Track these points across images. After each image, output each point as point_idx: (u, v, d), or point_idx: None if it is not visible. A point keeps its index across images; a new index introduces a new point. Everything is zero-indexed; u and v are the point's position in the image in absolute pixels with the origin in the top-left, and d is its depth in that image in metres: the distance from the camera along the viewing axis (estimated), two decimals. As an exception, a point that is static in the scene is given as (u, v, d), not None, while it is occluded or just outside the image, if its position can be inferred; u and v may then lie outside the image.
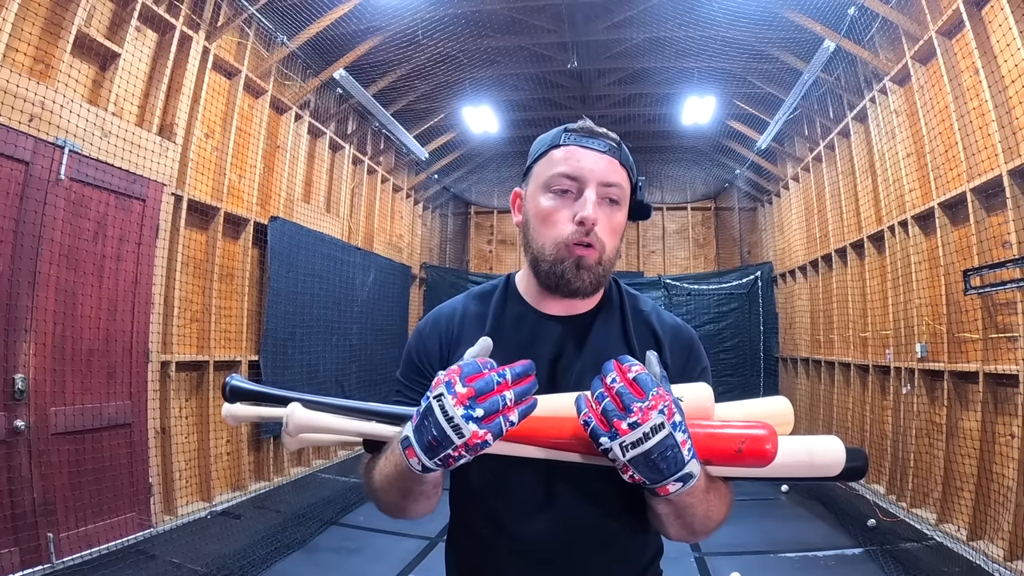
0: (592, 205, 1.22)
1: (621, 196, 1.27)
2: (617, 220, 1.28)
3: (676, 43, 7.35)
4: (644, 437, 0.92)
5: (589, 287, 1.26)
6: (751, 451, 0.99)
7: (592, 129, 1.30)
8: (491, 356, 1.07)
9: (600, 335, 1.35)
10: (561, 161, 1.27)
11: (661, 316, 1.42)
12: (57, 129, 4.22)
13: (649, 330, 1.37)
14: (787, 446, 1.07)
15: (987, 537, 4.77)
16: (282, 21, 6.51)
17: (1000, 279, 4.69)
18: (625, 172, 1.29)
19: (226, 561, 4.49)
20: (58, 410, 4.28)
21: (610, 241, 1.26)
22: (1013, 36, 4.40)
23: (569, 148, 1.28)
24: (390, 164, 10.34)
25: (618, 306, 1.40)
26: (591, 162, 1.25)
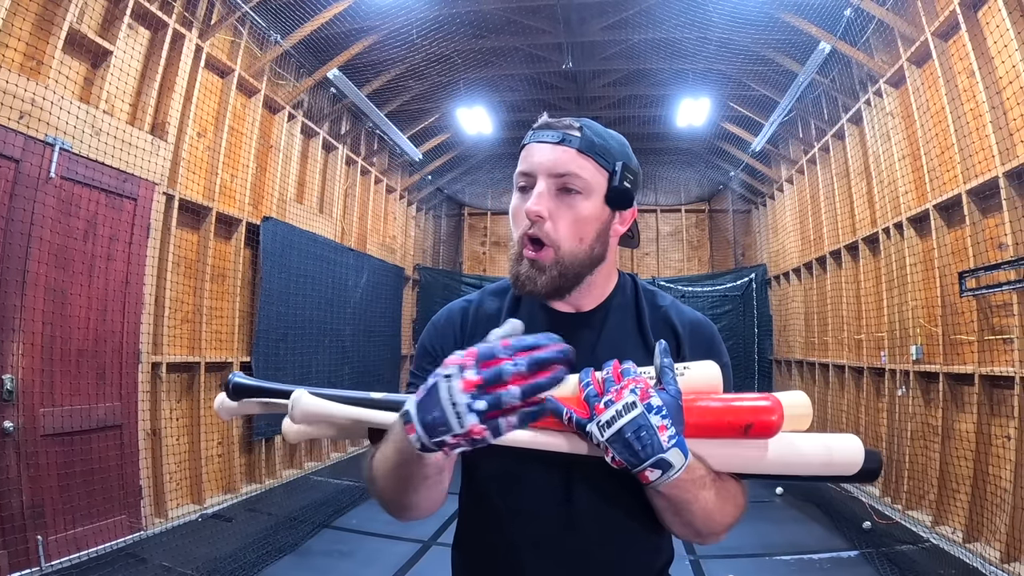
0: (538, 197, 1.21)
1: (582, 185, 1.22)
2: (579, 211, 1.22)
3: (671, 45, 7.34)
4: (617, 414, 0.95)
5: (542, 288, 1.23)
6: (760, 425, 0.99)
7: (547, 123, 1.28)
8: None
9: (616, 331, 1.32)
10: (521, 160, 1.28)
11: (681, 311, 1.37)
12: (48, 127, 4.18)
13: (668, 326, 1.33)
14: (806, 442, 1.06)
15: (983, 539, 4.76)
16: (276, 20, 6.47)
17: (996, 281, 4.69)
18: (589, 160, 1.23)
19: (217, 564, 4.45)
20: (47, 411, 4.24)
21: (567, 234, 1.22)
22: (1010, 38, 4.40)
23: (529, 146, 1.28)
24: (384, 165, 10.31)
25: (632, 302, 1.37)
26: (541, 155, 1.24)
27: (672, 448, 0.94)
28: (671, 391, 0.99)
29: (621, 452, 0.96)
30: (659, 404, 0.95)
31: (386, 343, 10.02)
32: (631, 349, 1.26)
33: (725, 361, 1.24)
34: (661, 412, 0.95)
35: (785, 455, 1.05)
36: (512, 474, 1.24)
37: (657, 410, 0.95)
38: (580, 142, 1.23)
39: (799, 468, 1.07)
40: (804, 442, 1.06)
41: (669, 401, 0.97)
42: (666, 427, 0.94)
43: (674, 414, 0.96)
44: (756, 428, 0.99)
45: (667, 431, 0.94)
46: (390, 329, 10.24)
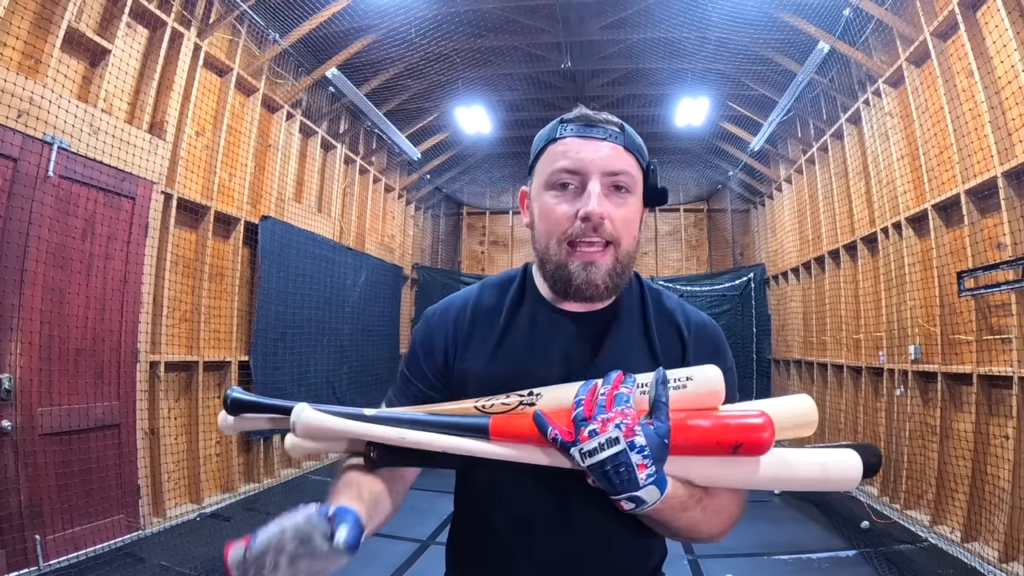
0: (597, 198, 1.16)
1: (631, 183, 1.20)
2: (630, 209, 1.21)
3: (670, 44, 7.34)
4: (600, 447, 0.95)
5: (604, 291, 1.21)
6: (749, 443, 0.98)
7: (589, 117, 1.22)
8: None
9: (620, 334, 1.29)
10: (561, 155, 1.20)
11: (687, 313, 1.36)
12: (46, 126, 4.17)
13: (674, 328, 1.32)
14: (801, 459, 1.06)
15: (981, 539, 4.76)
16: (274, 19, 6.46)
17: (994, 281, 4.69)
18: (633, 158, 1.22)
19: (216, 564, 4.44)
20: (45, 411, 4.23)
21: (625, 234, 1.20)
22: (1009, 38, 4.40)
23: (567, 140, 1.21)
24: (382, 164, 10.31)
25: (639, 303, 1.35)
26: (591, 152, 1.18)
27: (648, 486, 0.95)
28: (659, 430, 0.97)
29: (599, 480, 0.98)
30: (642, 444, 0.95)
31: (384, 342, 10.01)
32: (636, 354, 1.27)
33: (729, 365, 1.25)
34: (643, 452, 0.95)
35: (778, 472, 1.05)
36: (506, 480, 1.21)
37: (640, 449, 0.94)
38: (624, 139, 1.21)
39: (793, 485, 1.08)
40: (799, 458, 1.06)
41: (653, 440, 0.96)
42: (645, 466, 0.95)
43: (656, 452, 0.96)
44: (746, 447, 0.98)
45: (646, 470, 0.95)
46: (388, 328, 10.23)
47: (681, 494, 1.01)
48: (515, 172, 12.15)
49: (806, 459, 1.06)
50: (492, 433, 1.07)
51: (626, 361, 1.17)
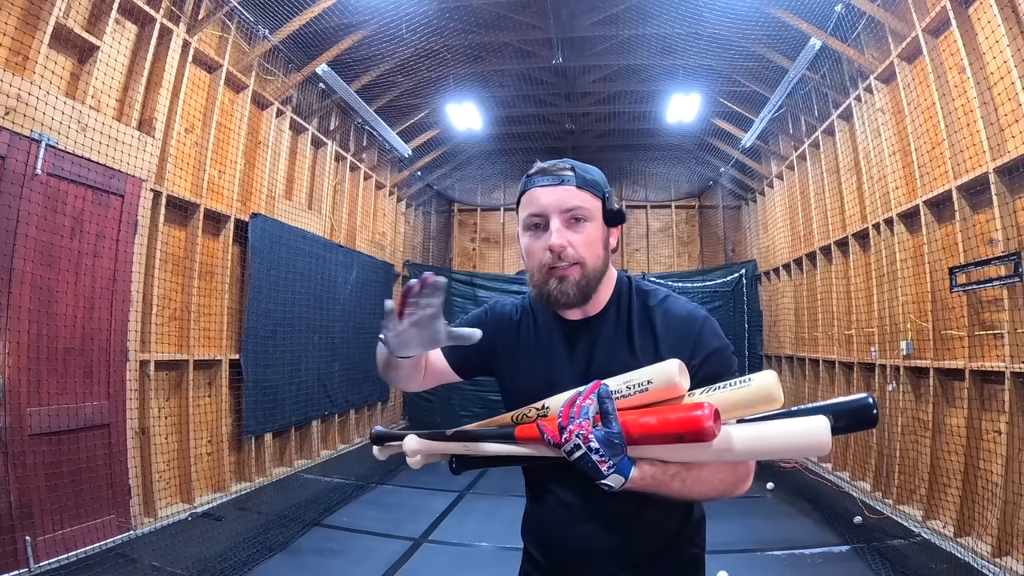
0: (557, 232, 1.47)
1: (586, 213, 1.49)
2: (588, 234, 1.50)
3: (661, 40, 7.35)
4: (571, 451, 1.23)
5: (574, 298, 1.50)
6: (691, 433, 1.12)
7: (544, 169, 1.55)
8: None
9: (607, 335, 1.57)
10: (528, 204, 1.54)
11: (667, 309, 1.56)
12: (34, 123, 4.13)
13: (650, 326, 1.54)
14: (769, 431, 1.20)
15: (974, 534, 4.78)
16: (264, 15, 6.43)
17: (986, 276, 4.70)
18: (586, 192, 1.51)
19: (207, 563, 4.43)
20: (35, 410, 4.20)
21: (587, 253, 1.49)
22: (1000, 34, 4.41)
23: (530, 192, 1.54)
24: (373, 161, 10.27)
25: (627, 304, 1.60)
26: (548, 197, 1.50)
27: (611, 474, 1.21)
28: (608, 434, 1.20)
29: (581, 470, 1.24)
30: (596, 447, 1.20)
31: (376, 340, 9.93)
32: (619, 351, 1.54)
33: (710, 351, 1.47)
34: (599, 452, 1.20)
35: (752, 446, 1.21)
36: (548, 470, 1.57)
37: (595, 451, 1.20)
38: (576, 180, 1.51)
39: (769, 454, 1.24)
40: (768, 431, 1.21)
41: (604, 443, 1.20)
42: (604, 461, 1.20)
43: (609, 451, 1.20)
44: (688, 437, 1.13)
45: (605, 464, 1.20)
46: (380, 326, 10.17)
47: (651, 473, 1.26)
48: (506, 169, 12.14)
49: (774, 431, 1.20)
50: (517, 437, 1.42)
51: (611, 362, 1.49)
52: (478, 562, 4.87)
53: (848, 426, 1.20)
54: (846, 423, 1.19)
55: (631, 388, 1.30)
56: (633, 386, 1.30)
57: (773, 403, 1.21)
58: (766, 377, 1.22)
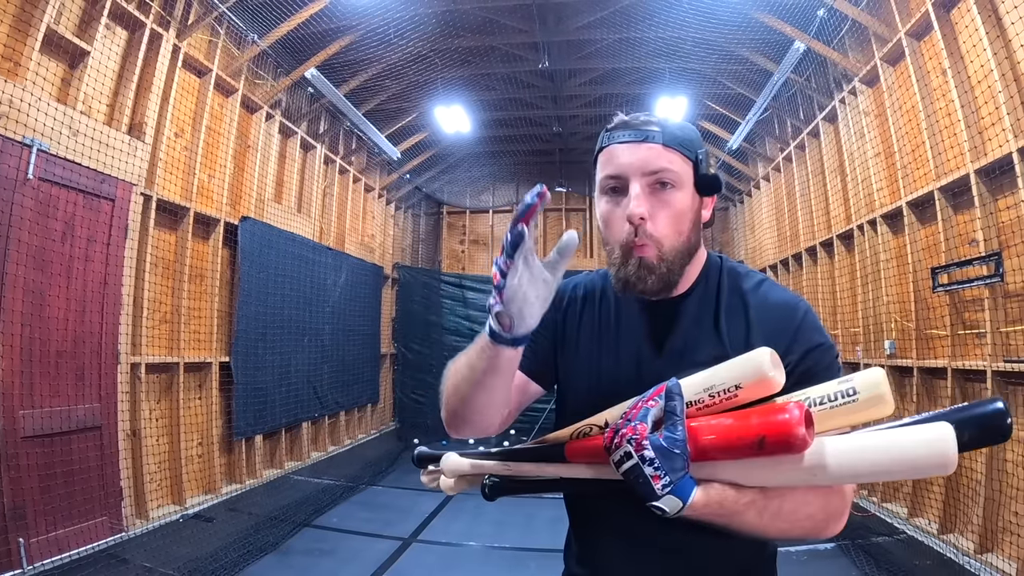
0: (637, 199, 1.22)
1: (674, 178, 1.24)
2: (676, 203, 1.24)
3: (647, 44, 7.40)
4: (618, 462, 0.97)
5: (653, 287, 1.24)
6: (775, 441, 0.89)
7: (627, 122, 1.29)
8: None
9: (690, 320, 1.32)
10: (605, 163, 1.28)
11: (763, 295, 1.32)
12: (25, 128, 4.15)
13: (742, 310, 1.30)
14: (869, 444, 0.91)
15: (957, 531, 4.85)
16: (253, 19, 6.46)
17: (967, 276, 4.78)
18: (675, 153, 1.25)
19: (199, 564, 4.45)
20: (27, 413, 4.22)
21: (668, 230, 1.24)
22: (980, 37, 4.48)
23: (609, 148, 1.29)
24: (362, 164, 10.31)
25: (715, 288, 1.35)
26: (629, 155, 1.24)
27: (666, 496, 0.95)
28: (668, 440, 0.96)
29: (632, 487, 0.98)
30: (651, 456, 0.95)
31: (365, 342, 10.03)
32: (704, 338, 1.29)
33: (810, 347, 1.22)
34: (654, 464, 0.95)
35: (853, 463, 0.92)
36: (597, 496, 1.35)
37: (649, 462, 0.95)
38: (663, 136, 1.25)
39: (876, 474, 0.95)
40: (873, 442, 0.91)
41: (662, 450, 0.95)
42: (659, 477, 0.94)
43: (667, 464, 0.95)
44: (770, 440, 0.90)
45: (660, 481, 0.95)
46: (369, 328, 10.24)
47: (720, 498, 0.99)
48: (495, 171, 12.19)
49: (875, 443, 0.91)
50: (567, 455, 1.17)
51: (695, 350, 1.26)
52: (466, 561, 4.92)
53: (974, 439, 0.89)
54: (971, 435, 0.88)
55: (715, 395, 1.03)
56: (718, 393, 1.03)
57: (882, 410, 0.96)
58: (871, 376, 0.96)
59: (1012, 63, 4.30)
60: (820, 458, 0.92)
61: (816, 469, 0.92)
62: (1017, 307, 4.40)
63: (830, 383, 0.99)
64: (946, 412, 0.91)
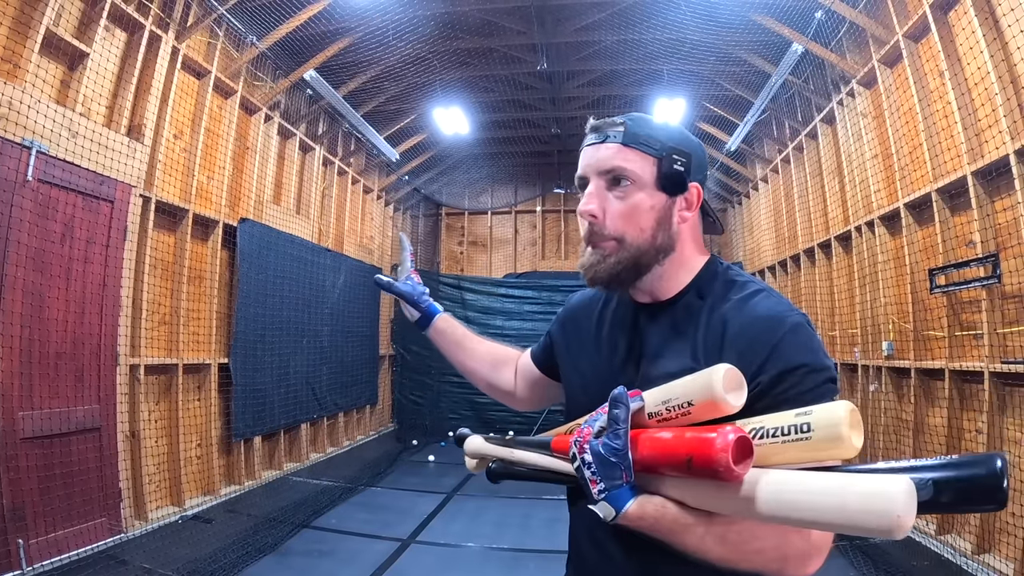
0: (588, 197, 1.25)
1: (633, 175, 1.23)
2: (631, 201, 1.23)
3: (645, 46, 7.40)
4: (571, 459, 1.01)
5: (602, 277, 1.25)
6: (700, 463, 0.86)
7: (593, 125, 1.31)
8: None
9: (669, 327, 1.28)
10: (579, 166, 1.32)
11: (752, 309, 1.18)
12: (24, 130, 4.16)
13: (720, 326, 1.18)
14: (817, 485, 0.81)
15: (955, 531, 4.86)
16: (252, 21, 6.46)
17: (964, 278, 4.79)
18: (634, 151, 1.24)
19: (198, 565, 4.46)
20: (26, 414, 4.22)
21: (624, 226, 1.23)
22: (977, 39, 4.50)
23: (582, 151, 1.32)
24: (361, 165, 10.31)
25: (705, 295, 1.28)
26: (589, 157, 1.28)
27: (601, 501, 0.97)
28: (605, 447, 0.96)
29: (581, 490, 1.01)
30: (589, 460, 0.97)
31: (364, 343, 10.03)
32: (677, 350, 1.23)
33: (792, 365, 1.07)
34: (591, 468, 0.97)
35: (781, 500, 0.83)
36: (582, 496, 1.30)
37: (588, 465, 0.97)
38: (623, 136, 1.25)
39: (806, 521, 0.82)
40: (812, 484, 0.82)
41: (598, 456, 0.97)
42: (596, 482, 0.96)
43: (602, 470, 0.96)
44: (697, 462, 0.86)
45: (596, 485, 0.97)
46: (368, 330, 10.25)
47: (657, 514, 0.97)
48: (493, 172, 12.19)
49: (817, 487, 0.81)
50: (553, 448, 1.19)
51: (662, 360, 1.23)
52: (465, 562, 4.92)
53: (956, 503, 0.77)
54: (953, 497, 0.77)
55: (671, 409, 0.99)
56: (674, 407, 0.98)
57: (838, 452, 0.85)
58: (831, 413, 0.85)
59: (1009, 65, 4.31)
60: (752, 490, 0.86)
61: (748, 502, 0.86)
62: (1014, 308, 4.41)
63: (787, 413, 0.91)
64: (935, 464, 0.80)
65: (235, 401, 6.54)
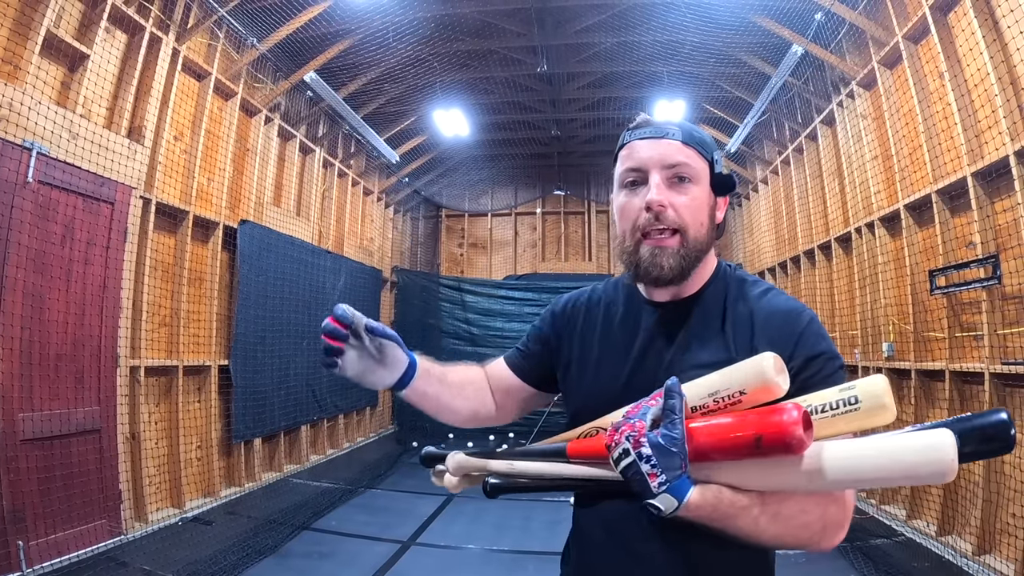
0: (657, 188, 1.26)
1: (692, 173, 1.29)
2: (694, 196, 1.29)
3: (645, 47, 7.42)
4: (616, 459, 0.99)
5: (670, 272, 1.27)
6: (772, 440, 0.91)
7: (648, 120, 1.34)
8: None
9: (698, 321, 1.33)
10: (626, 158, 1.33)
11: (771, 303, 1.30)
12: (25, 131, 4.16)
13: (747, 315, 1.29)
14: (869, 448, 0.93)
15: (955, 532, 4.86)
16: (252, 23, 6.47)
17: (964, 279, 4.79)
18: (693, 150, 1.31)
19: (198, 567, 4.45)
20: (26, 416, 4.22)
21: (690, 219, 1.28)
22: (977, 41, 4.50)
23: (630, 144, 1.34)
24: (361, 167, 10.33)
25: (723, 292, 1.36)
26: (650, 149, 1.30)
27: (662, 494, 0.96)
28: (665, 438, 0.97)
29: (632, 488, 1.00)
30: (648, 454, 0.96)
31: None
32: (710, 341, 1.29)
33: (812, 355, 1.18)
34: (651, 461, 0.96)
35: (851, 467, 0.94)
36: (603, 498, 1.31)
37: (646, 459, 0.96)
38: (682, 134, 1.30)
39: (874, 480, 0.95)
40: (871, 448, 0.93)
41: (659, 448, 0.96)
42: (656, 475, 0.95)
43: (663, 462, 0.96)
44: (768, 440, 0.91)
45: (656, 479, 0.96)
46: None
47: (715, 500, 1.00)
48: (493, 174, 12.21)
49: (874, 448, 0.93)
50: (569, 453, 1.20)
51: (700, 352, 1.27)
52: (465, 564, 4.92)
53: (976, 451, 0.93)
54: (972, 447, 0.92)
55: (719, 400, 1.05)
56: (723, 398, 1.04)
57: (884, 418, 0.97)
58: (874, 384, 0.98)
59: (1009, 66, 4.32)
60: (818, 462, 0.93)
61: (813, 473, 0.94)
62: (1014, 309, 4.42)
63: (831, 390, 1.02)
64: (948, 422, 0.95)
65: (235, 403, 6.54)
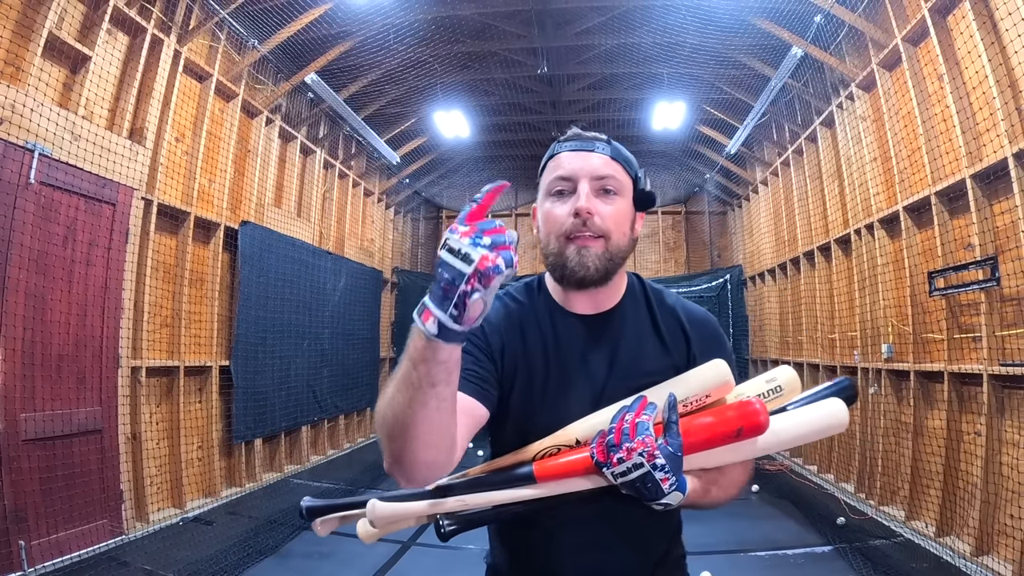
0: (585, 196, 1.32)
1: (618, 187, 1.36)
2: (618, 208, 1.36)
3: (645, 49, 7.44)
4: (627, 471, 1.10)
5: (595, 273, 1.33)
6: (751, 429, 1.14)
7: (579, 134, 1.42)
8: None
9: (631, 332, 1.43)
10: (556, 167, 1.38)
11: (688, 309, 1.50)
12: (27, 133, 4.18)
13: (677, 323, 1.46)
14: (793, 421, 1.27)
15: (954, 533, 4.86)
16: (253, 25, 6.48)
17: (963, 280, 4.80)
18: (619, 165, 1.38)
19: (198, 567, 4.46)
20: (28, 416, 4.23)
21: (614, 228, 1.34)
22: (976, 43, 4.51)
23: (559, 156, 1.39)
24: (361, 168, 10.34)
25: (643, 300, 1.49)
26: (580, 161, 1.36)
27: (672, 492, 1.11)
28: (672, 446, 1.11)
29: (631, 492, 1.13)
30: (663, 464, 1.09)
31: (365, 346, 10.04)
32: (648, 346, 1.42)
33: (729, 352, 1.43)
34: (664, 469, 1.09)
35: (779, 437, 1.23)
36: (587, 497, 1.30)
37: (661, 468, 1.09)
38: (611, 150, 1.38)
39: (790, 444, 1.28)
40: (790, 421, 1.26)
41: (671, 456, 1.10)
42: (668, 479, 1.10)
43: (674, 466, 1.10)
44: (746, 431, 1.14)
45: (668, 482, 1.10)
46: (369, 332, 10.26)
47: (697, 484, 1.21)
48: (494, 175, 12.17)
49: (797, 420, 1.26)
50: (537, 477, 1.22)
51: (641, 359, 1.39)
52: (465, 565, 4.91)
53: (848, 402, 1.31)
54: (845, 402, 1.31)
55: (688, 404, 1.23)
56: (691, 401, 1.23)
57: (797, 394, 1.31)
58: (790, 373, 1.32)
59: (1008, 68, 4.32)
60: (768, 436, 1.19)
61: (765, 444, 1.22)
62: (1013, 311, 4.42)
63: (758, 381, 1.32)
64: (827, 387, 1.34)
65: (236, 403, 6.55)
